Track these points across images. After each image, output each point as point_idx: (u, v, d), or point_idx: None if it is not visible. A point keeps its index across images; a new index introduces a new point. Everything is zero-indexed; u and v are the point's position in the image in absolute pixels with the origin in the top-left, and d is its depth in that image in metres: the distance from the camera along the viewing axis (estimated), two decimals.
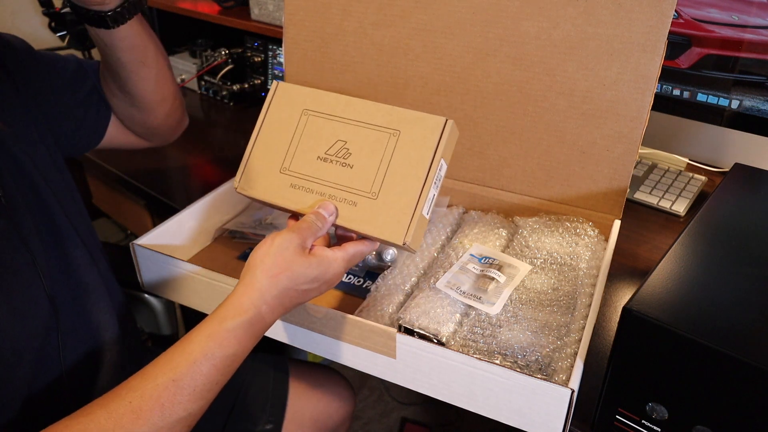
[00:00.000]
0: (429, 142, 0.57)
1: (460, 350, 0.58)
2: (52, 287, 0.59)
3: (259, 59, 1.35)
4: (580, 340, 0.57)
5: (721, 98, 0.85)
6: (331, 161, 0.61)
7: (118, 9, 0.65)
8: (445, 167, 0.58)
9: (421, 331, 0.60)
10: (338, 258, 0.55)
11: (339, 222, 0.59)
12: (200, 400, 0.47)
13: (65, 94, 0.74)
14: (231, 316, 0.49)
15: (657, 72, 0.68)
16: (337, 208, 0.59)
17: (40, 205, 0.62)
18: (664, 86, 0.89)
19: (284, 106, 0.65)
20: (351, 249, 0.57)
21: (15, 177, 0.60)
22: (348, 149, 0.61)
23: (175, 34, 1.52)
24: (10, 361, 0.52)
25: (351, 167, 0.60)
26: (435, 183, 0.57)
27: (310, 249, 0.55)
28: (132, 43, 0.70)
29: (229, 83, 1.37)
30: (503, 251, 0.73)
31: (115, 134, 0.81)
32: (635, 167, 0.96)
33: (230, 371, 0.49)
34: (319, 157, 0.62)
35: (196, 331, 0.49)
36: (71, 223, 0.65)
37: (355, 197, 0.59)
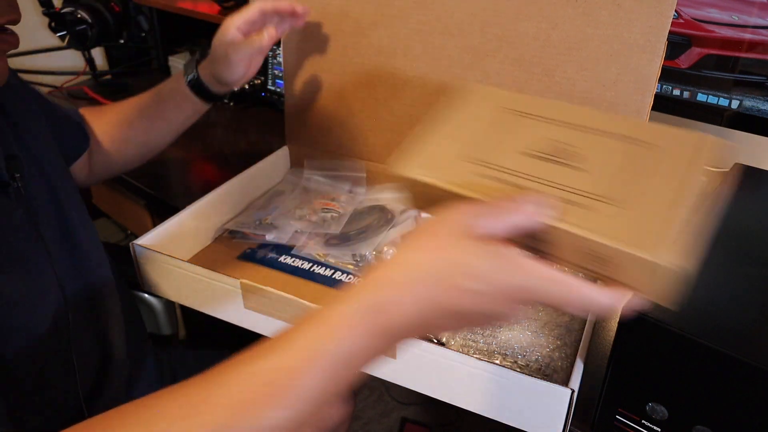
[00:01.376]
0: (693, 158, 0.44)
1: (460, 350, 0.58)
2: (64, 278, 0.59)
3: None
4: (580, 340, 0.57)
5: (721, 98, 0.85)
6: (546, 159, 0.44)
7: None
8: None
9: None
10: (537, 277, 0.35)
11: (560, 224, 0.38)
12: (288, 408, 0.34)
13: (68, 126, 0.76)
14: (344, 298, 0.37)
15: (657, 73, 0.67)
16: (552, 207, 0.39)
17: (54, 199, 0.62)
18: (664, 86, 0.89)
19: (477, 103, 0.53)
20: (551, 282, 0.35)
21: (31, 168, 0.60)
22: (573, 152, 0.44)
23: (175, 34, 1.52)
24: (22, 345, 0.53)
25: (578, 169, 0.43)
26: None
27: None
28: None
29: None
30: None
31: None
32: None
33: (339, 374, 0.35)
34: (524, 153, 0.45)
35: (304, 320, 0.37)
36: (81, 220, 0.66)
37: (584, 200, 0.40)
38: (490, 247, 0.36)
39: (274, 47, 1.31)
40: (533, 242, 0.38)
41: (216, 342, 0.98)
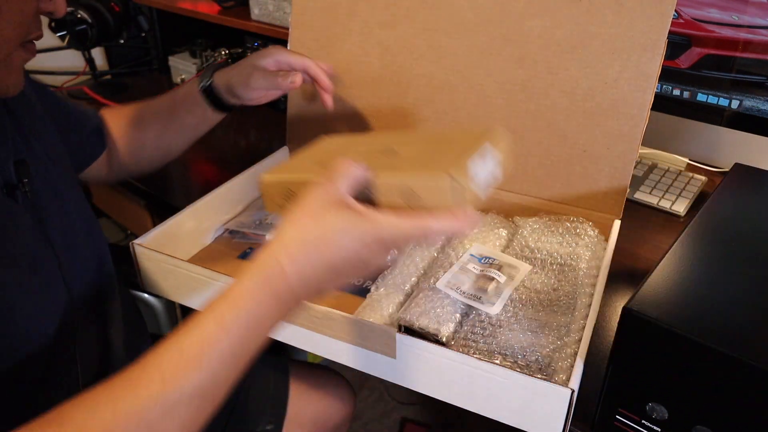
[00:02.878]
0: (479, 136, 0.51)
1: (460, 350, 0.58)
2: (70, 278, 0.60)
3: None
4: (580, 340, 0.57)
5: (721, 98, 0.85)
6: (372, 153, 0.54)
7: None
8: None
9: (421, 331, 0.60)
10: (388, 224, 0.43)
11: (380, 175, 0.48)
12: (208, 368, 0.40)
13: (73, 137, 0.76)
14: (247, 269, 0.43)
15: (657, 71, 0.68)
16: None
17: (60, 202, 0.63)
18: (664, 86, 0.89)
19: (319, 145, 0.64)
20: (400, 223, 0.44)
21: (39, 173, 0.61)
22: (392, 149, 0.55)
23: (175, 34, 1.52)
24: (28, 344, 0.53)
25: (394, 153, 0.54)
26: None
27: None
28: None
29: None
30: (503, 251, 0.73)
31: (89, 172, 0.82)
32: (635, 167, 0.96)
33: (247, 336, 0.42)
34: (355, 153, 0.56)
35: (217, 295, 0.43)
36: (85, 221, 0.66)
37: (395, 163, 0.51)
38: (352, 213, 0.43)
39: None
40: (369, 198, 0.48)
41: None
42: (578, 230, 0.74)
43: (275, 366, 0.91)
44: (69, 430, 0.38)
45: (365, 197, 0.48)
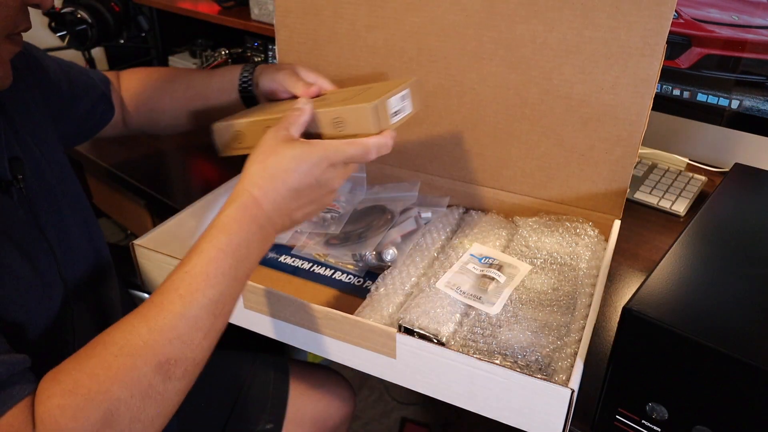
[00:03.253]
0: (397, 83, 0.64)
1: (460, 350, 0.58)
2: (68, 274, 0.61)
3: (259, 59, 1.35)
4: (580, 340, 0.57)
5: (721, 98, 0.85)
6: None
7: None
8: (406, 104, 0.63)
9: (421, 331, 0.60)
10: (330, 145, 0.54)
11: (318, 109, 0.59)
12: (216, 285, 0.48)
13: (80, 106, 0.79)
14: (227, 205, 0.52)
15: (656, 76, 0.67)
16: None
17: (53, 198, 0.64)
18: (664, 86, 0.89)
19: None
20: (340, 143, 0.55)
21: (33, 170, 0.62)
22: (326, 98, 0.66)
23: (175, 34, 1.52)
24: (27, 337, 0.54)
25: (326, 99, 0.65)
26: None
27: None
28: None
29: None
30: (503, 251, 0.73)
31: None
32: (635, 167, 0.96)
33: (240, 256, 0.50)
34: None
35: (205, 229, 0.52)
36: (79, 215, 0.67)
37: (329, 102, 0.62)
38: (302, 143, 0.54)
39: (275, 46, 1.31)
40: (313, 135, 0.59)
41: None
42: (578, 230, 0.74)
43: (275, 366, 0.91)
44: (114, 348, 0.45)
45: (310, 135, 0.59)
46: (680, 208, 0.89)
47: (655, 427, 0.48)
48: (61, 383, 0.44)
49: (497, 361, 0.56)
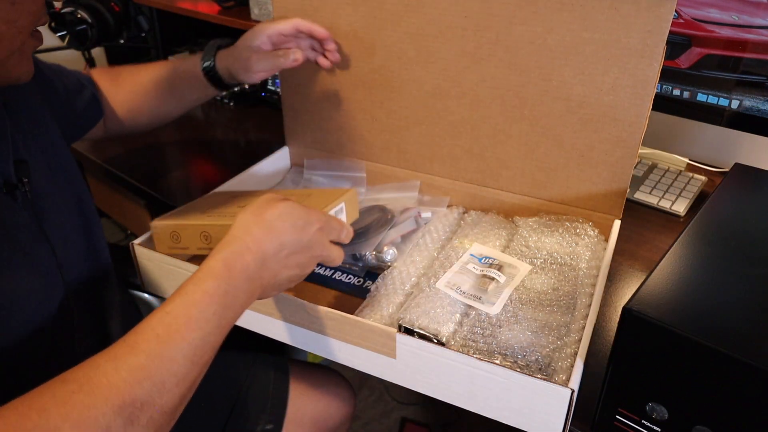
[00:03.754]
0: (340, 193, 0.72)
1: (460, 350, 0.58)
2: (69, 276, 0.61)
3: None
4: (580, 340, 0.57)
5: (721, 98, 0.85)
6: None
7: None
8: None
9: (421, 331, 0.60)
10: (321, 212, 0.57)
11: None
12: (198, 330, 0.46)
13: (76, 105, 0.80)
14: (217, 251, 0.51)
15: (656, 77, 0.67)
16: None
17: (58, 200, 0.64)
18: (664, 86, 0.89)
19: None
20: (327, 214, 0.58)
21: (38, 172, 0.62)
22: None
23: (175, 34, 1.51)
24: (28, 337, 0.54)
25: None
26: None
27: None
28: None
29: None
30: (503, 251, 0.73)
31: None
32: (635, 167, 0.96)
33: (226, 304, 0.48)
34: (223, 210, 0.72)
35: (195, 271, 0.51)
36: (82, 217, 0.68)
37: None
38: (298, 203, 0.55)
39: None
40: None
41: None
42: (578, 230, 0.74)
43: (275, 366, 0.91)
44: (73, 386, 0.40)
45: None
46: (680, 208, 0.89)
47: (655, 427, 0.48)
48: (3, 418, 0.38)
49: (497, 361, 0.56)
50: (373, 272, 0.75)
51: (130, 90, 0.86)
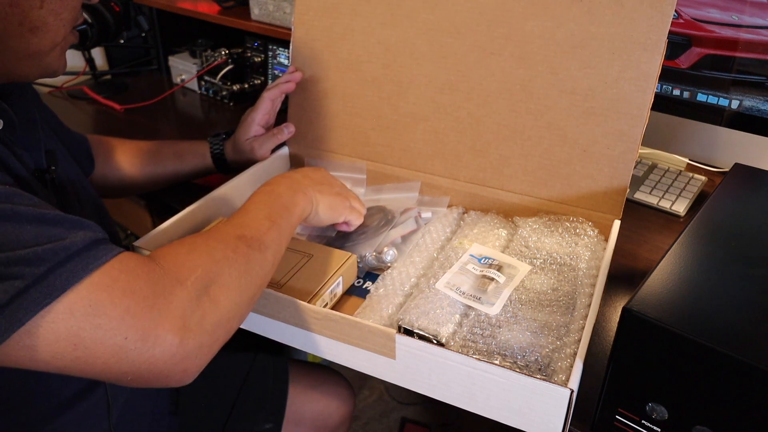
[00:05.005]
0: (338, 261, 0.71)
1: (460, 351, 0.58)
2: None
3: (260, 59, 1.35)
4: (579, 340, 0.57)
5: (721, 98, 0.85)
6: None
7: None
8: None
9: (421, 332, 0.60)
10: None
11: None
12: (277, 231, 0.57)
13: (73, 151, 0.81)
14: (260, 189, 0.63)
15: (657, 70, 0.68)
16: None
17: (76, 191, 0.68)
18: (664, 86, 0.89)
19: None
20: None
21: (63, 164, 0.66)
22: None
23: (175, 34, 1.51)
24: None
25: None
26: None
27: None
28: None
29: (229, 83, 1.37)
30: (503, 251, 0.73)
31: None
32: (635, 167, 0.96)
33: (288, 213, 0.61)
34: None
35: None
36: (97, 210, 0.72)
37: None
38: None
39: (275, 46, 1.31)
40: None
41: None
42: (578, 230, 0.74)
43: (275, 366, 0.91)
44: (198, 236, 0.52)
45: None
46: (680, 208, 0.89)
47: (655, 427, 0.48)
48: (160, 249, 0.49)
49: (497, 362, 0.56)
50: (373, 273, 0.75)
51: (131, 159, 0.90)
